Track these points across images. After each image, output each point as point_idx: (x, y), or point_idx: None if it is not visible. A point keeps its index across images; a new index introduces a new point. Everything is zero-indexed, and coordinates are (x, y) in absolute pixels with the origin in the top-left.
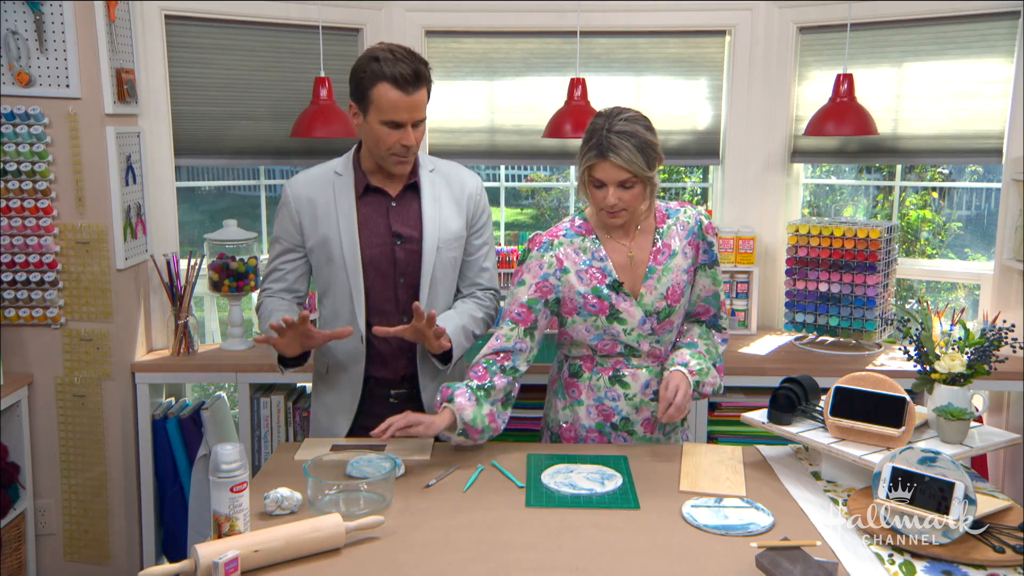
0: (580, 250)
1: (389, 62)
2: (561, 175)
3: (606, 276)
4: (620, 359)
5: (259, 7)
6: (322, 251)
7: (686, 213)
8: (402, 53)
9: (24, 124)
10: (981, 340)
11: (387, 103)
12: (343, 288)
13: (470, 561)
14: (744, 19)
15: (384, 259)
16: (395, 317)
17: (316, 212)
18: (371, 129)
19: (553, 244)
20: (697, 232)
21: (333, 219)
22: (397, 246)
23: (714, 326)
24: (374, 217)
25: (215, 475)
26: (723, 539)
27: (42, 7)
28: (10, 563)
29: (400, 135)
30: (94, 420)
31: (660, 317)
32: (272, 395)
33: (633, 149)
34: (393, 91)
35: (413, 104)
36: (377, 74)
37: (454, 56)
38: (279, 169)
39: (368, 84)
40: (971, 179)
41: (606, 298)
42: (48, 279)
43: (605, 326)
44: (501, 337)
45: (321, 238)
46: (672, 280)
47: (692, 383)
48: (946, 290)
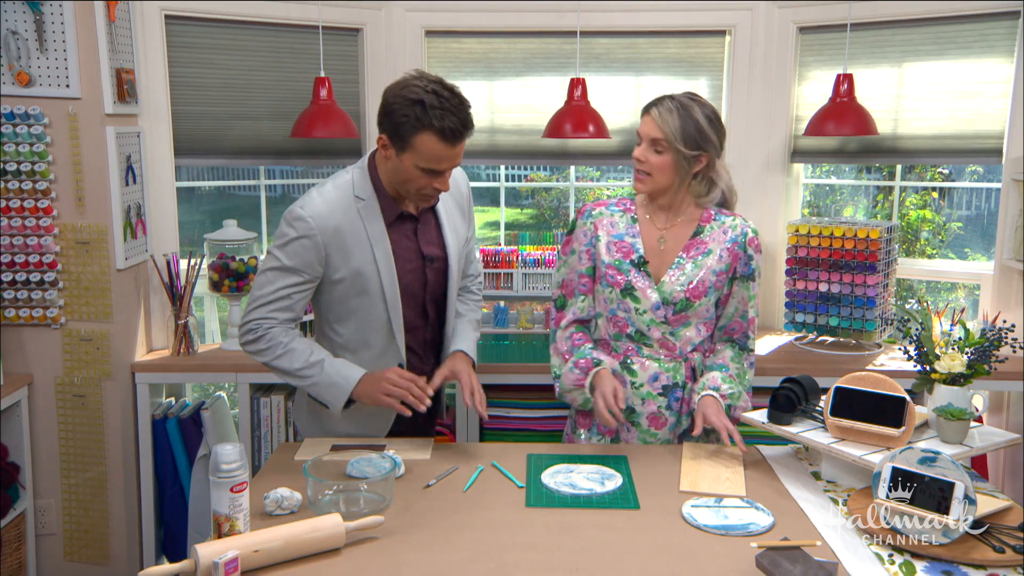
0: (615, 223)
1: (437, 112)
2: (561, 175)
3: (633, 252)
4: (631, 345)
5: (259, 7)
6: (353, 284)
7: (734, 221)
8: (449, 100)
9: (24, 124)
10: (981, 340)
11: (430, 153)
12: (379, 318)
13: (470, 561)
14: (744, 19)
15: (417, 283)
16: (422, 331)
17: (345, 243)
18: (404, 169)
19: (593, 213)
20: (741, 242)
21: (366, 251)
22: (428, 268)
23: (744, 347)
24: (404, 242)
25: (215, 475)
26: (723, 539)
27: (42, 7)
28: (10, 563)
29: (436, 180)
30: (94, 420)
31: (676, 308)
32: (272, 395)
33: (674, 113)
34: (438, 144)
35: (456, 154)
36: (422, 123)
37: (454, 56)
38: (279, 169)
39: (409, 131)
40: (971, 179)
41: (625, 272)
42: (48, 279)
43: (619, 299)
44: (577, 311)
45: (354, 271)
46: (698, 276)
47: (724, 407)
48: (946, 290)
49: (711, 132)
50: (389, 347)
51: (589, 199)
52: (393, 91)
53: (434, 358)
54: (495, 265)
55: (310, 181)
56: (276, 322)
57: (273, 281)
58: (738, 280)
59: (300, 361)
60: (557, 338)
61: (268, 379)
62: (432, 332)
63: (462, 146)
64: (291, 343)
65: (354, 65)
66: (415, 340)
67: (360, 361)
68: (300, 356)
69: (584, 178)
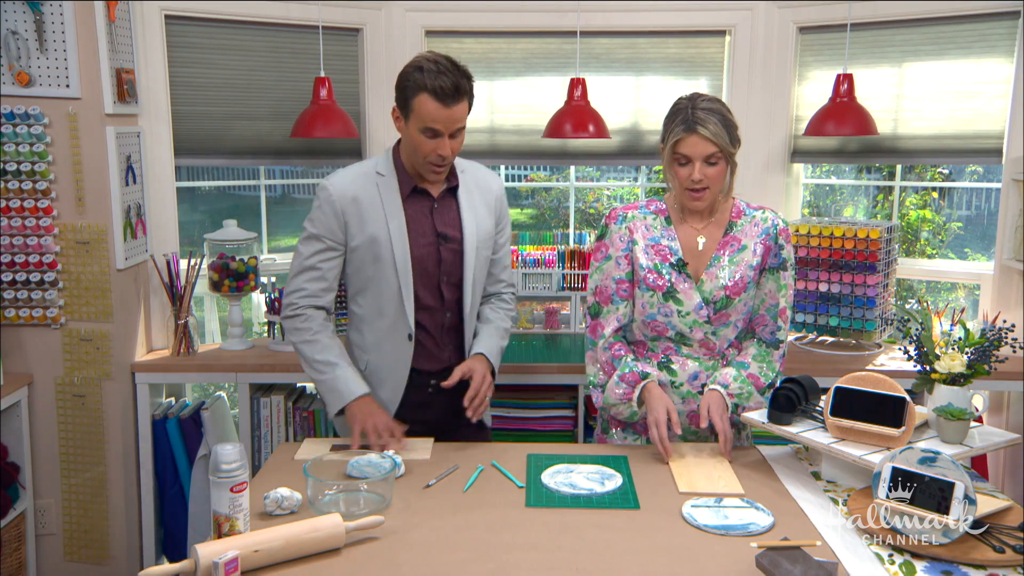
0: (650, 227)
1: (432, 73)
2: (561, 175)
3: (672, 255)
4: (670, 345)
5: (259, 7)
6: (368, 251)
7: (763, 214)
8: (445, 65)
9: (24, 124)
10: (981, 340)
11: (426, 113)
12: (390, 287)
13: (470, 561)
14: (744, 19)
15: (430, 259)
16: (439, 313)
17: (362, 211)
18: (411, 136)
19: (627, 217)
20: (772, 234)
21: (381, 219)
22: (442, 246)
23: (772, 343)
24: (419, 218)
25: (215, 475)
26: (723, 539)
27: (42, 7)
28: (10, 563)
29: (436, 144)
30: (94, 420)
31: (717, 307)
32: (272, 395)
33: (719, 123)
34: (432, 102)
35: (451, 116)
36: (419, 84)
37: (454, 56)
38: (279, 169)
39: (410, 93)
40: (971, 179)
41: (666, 275)
42: (48, 279)
43: (660, 303)
44: (621, 316)
45: (368, 237)
46: (737, 272)
47: (730, 405)
48: (946, 290)
49: (735, 120)
50: (399, 318)
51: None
52: (405, 67)
53: (452, 347)
54: None
55: (310, 181)
56: (309, 293)
57: (302, 252)
58: (767, 271)
59: (320, 354)
60: (597, 347)
61: (268, 379)
62: (450, 318)
63: (458, 109)
64: (319, 334)
65: (354, 65)
66: (431, 322)
67: (374, 330)
68: (322, 350)
69: (584, 178)
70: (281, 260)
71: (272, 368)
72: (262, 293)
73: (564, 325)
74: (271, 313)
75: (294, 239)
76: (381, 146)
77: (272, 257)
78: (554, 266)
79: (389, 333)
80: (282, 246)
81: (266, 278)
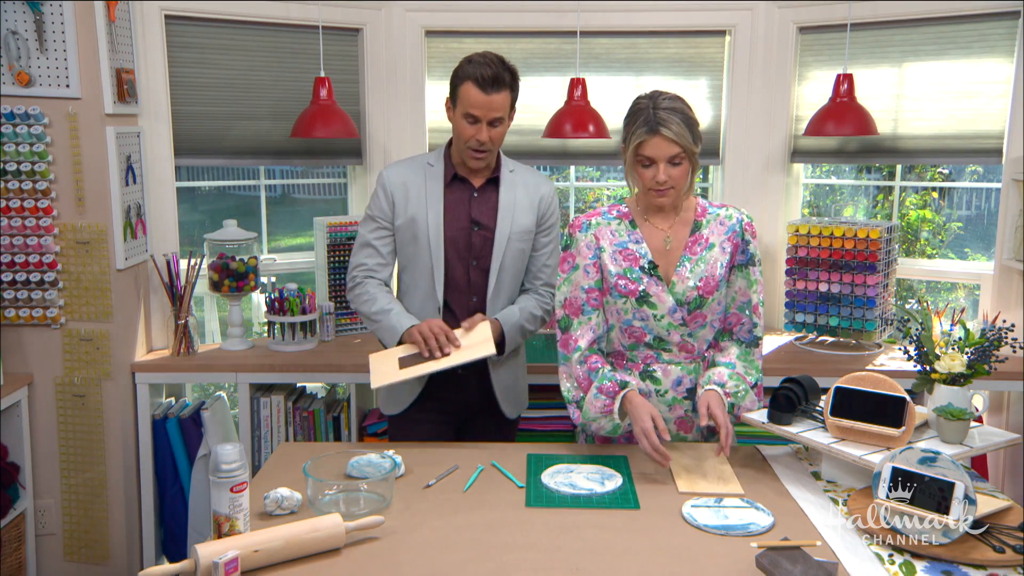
0: (616, 232)
1: (477, 64)
2: (561, 175)
3: (641, 258)
4: (650, 353)
5: (259, 7)
6: (408, 229)
7: (727, 211)
8: (492, 59)
9: (24, 124)
10: (981, 340)
11: (467, 99)
12: (424, 264)
13: (470, 561)
14: (744, 19)
15: (462, 242)
16: (466, 295)
17: (408, 194)
18: (456, 122)
19: (591, 224)
20: (738, 230)
21: (422, 202)
22: (474, 232)
23: (751, 342)
24: (457, 204)
25: (215, 475)
26: (723, 539)
27: (42, 7)
28: (10, 563)
29: (475, 130)
30: (94, 420)
31: (691, 308)
32: (272, 395)
33: (681, 123)
34: (473, 89)
35: (490, 104)
36: (465, 73)
37: (454, 56)
38: (279, 169)
39: (458, 81)
40: (971, 179)
41: (638, 280)
42: (48, 279)
43: (635, 308)
44: (594, 327)
45: (410, 217)
46: (706, 271)
47: (727, 404)
48: (946, 290)
49: (696, 117)
50: (430, 294)
51: (589, 199)
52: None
53: None
54: None
55: (310, 181)
56: (367, 267)
57: (361, 232)
58: (736, 268)
59: (376, 307)
60: (571, 362)
61: (268, 379)
62: (476, 302)
63: (497, 98)
64: (375, 292)
65: (354, 65)
66: (458, 303)
67: (410, 301)
68: (378, 303)
69: (584, 178)
70: (281, 260)
71: (272, 368)
72: (262, 293)
73: None
74: (271, 313)
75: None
76: (381, 146)
77: (272, 257)
78: None
79: (423, 304)
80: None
81: (266, 278)
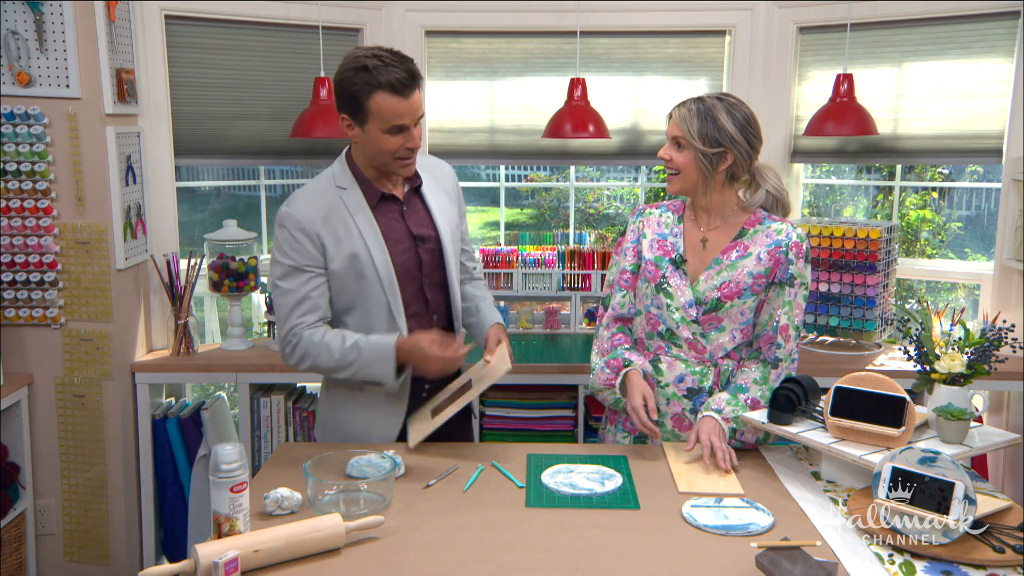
0: (662, 223)
1: (380, 69)
2: (561, 175)
3: (673, 250)
4: (661, 344)
5: (259, 7)
6: (350, 269)
7: (780, 225)
8: (389, 57)
9: (24, 124)
10: (981, 340)
11: (389, 111)
12: (377, 299)
13: (470, 561)
14: (744, 19)
15: (411, 264)
16: (425, 316)
17: (335, 230)
18: (372, 139)
19: (643, 212)
20: (784, 247)
21: (355, 235)
22: (420, 248)
23: (772, 363)
24: (392, 224)
25: (215, 475)
26: (723, 539)
27: (42, 7)
28: (10, 563)
29: (404, 139)
30: (94, 420)
31: (707, 308)
32: (272, 395)
33: (693, 113)
34: (392, 98)
35: (413, 106)
36: (371, 84)
37: (454, 56)
38: (279, 169)
39: (363, 95)
40: (971, 179)
41: (663, 268)
42: (48, 279)
43: (654, 295)
44: (617, 306)
45: (348, 256)
46: (733, 277)
47: (727, 431)
48: (946, 290)
49: (734, 130)
50: (390, 327)
51: (589, 199)
52: (339, 71)
53: None
54: (495, 265)
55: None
56: (307, 324)
57: (286, 290)
58: (775, 285)
59: (337, 351)
60: (600, 335)
61: (268, 379)
62: (438, 320)
63: (416, 97)
64: (323, 339)
65: None
66: (421, 327)
67: None
68: (336, 347)
69: (584, 178)
70: None
71: (272, 368)
72: (262, 293)
73: (564, 325)
74: (271, 313)
75: None
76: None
77: None
78: (554, 266)
79: None
80: None
81: (266, 278)
